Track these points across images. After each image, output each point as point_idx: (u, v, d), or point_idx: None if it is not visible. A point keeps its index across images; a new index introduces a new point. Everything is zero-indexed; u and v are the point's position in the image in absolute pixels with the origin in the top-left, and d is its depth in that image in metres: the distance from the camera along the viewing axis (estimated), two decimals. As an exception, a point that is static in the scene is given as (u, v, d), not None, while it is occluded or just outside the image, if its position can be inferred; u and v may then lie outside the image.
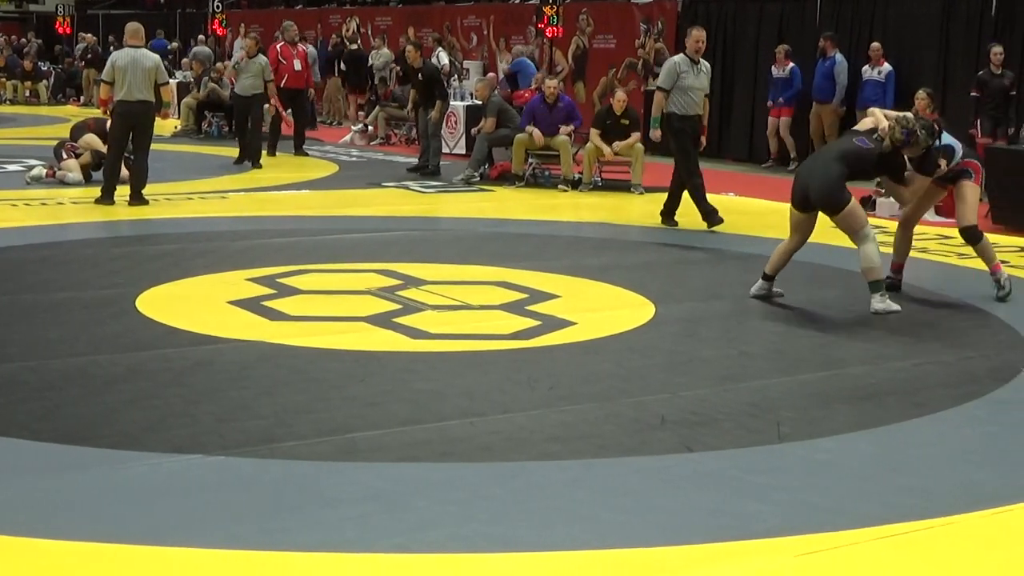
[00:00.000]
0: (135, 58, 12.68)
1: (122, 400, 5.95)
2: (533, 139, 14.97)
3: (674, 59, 11.91)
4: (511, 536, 4.40)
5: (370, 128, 20.85)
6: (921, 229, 11.54)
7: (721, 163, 17.64)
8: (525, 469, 5.12)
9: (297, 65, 18.07)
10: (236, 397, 6.04)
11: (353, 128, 21.29)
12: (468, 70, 21.85)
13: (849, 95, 16.90)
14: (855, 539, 4.43)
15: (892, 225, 11.80)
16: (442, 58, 20.63)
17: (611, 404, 6.05)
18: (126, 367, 6.55)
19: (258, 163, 16.68)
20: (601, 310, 8.29)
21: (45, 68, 31.26)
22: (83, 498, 4.71)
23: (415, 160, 16.74)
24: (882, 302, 8.30)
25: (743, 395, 6.26)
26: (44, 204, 12.82)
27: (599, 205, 13.79)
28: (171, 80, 25.54)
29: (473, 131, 16.40)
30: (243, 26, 29.05)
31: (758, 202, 11.80)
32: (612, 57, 21.04)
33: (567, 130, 15.06)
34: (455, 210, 13.34)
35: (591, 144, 14.88)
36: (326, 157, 18.15)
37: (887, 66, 16.30)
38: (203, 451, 5.20)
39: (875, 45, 16.47)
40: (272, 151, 17.73)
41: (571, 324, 7.75)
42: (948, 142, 8.82)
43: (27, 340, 7.08)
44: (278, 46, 18.20)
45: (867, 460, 5.37)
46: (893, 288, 8.91)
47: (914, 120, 8.58)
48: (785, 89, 17.32)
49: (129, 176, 12.89)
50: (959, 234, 9.14)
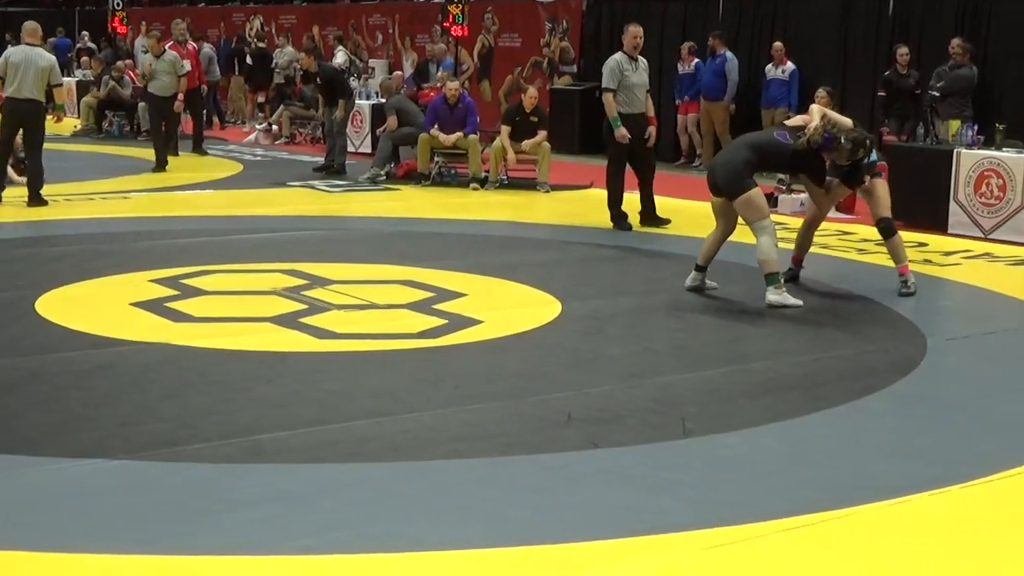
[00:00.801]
0: (30, 56, 12.50)
1: (22, 404, 5.85)
2: (439, 140, 14.97)
3: (615, 58, 11.74)
4: (419, 536, 4.40)
5: (275, 127, 20.69)
6: (822, 225, 11.72)
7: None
8: (432, 468, 5.12)
9: (187, 65, 17.80)
10: (139, 400, 5.96)
11: (258, 127, 21.11)
12: (374, 69, 21.77)
13: (752, 94, 17.10)
14: (760, 532, 4.49)
15: (793, 222, 11.98)
16: (338, 57, 20.55)
17: (517, 402, 6.07)
18: (26, 371, 6.44)
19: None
20: (507, 308, 8.31)
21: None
22: (-18, 505, 4.62)
23: (321, 159, 16.65)
24: (777, 294, 8.40)
25: (648, 391, 6.32)
26: (-60, 205, 12.57)
27: (505, 203, 13.81)
28: (71, 78, 25.34)
29: (378, 131, 16.35)
30: (144, 24, 28.67)
31: (665, 200, 11.90)
32: (518, 56, 21.09)
33: (474, 137, 15.05)
34: (361, 209, 13.28)
35: (498, 142, 14.91)
36: (230, 156, 17.98)
37: (791, 65, 16.52)
38: (106, 455, 5.13)
39: (777, 44, 16.68)
40: (175, 151, 17.50)
41: (477, 323, 7.76)
42: (874, 158, 8.98)
43: (-77, 344, 6.94)
44: (166, 46, 17.94)
45: (770, 454, 5.44)
46: (792, 280, 9.06)
47: (847, 130, 8.59)
48: (691, 86, 17.47)
49: (26, 178, 12.69)
50: (875, 225, 9.27)
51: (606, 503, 4.77)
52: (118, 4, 27.60)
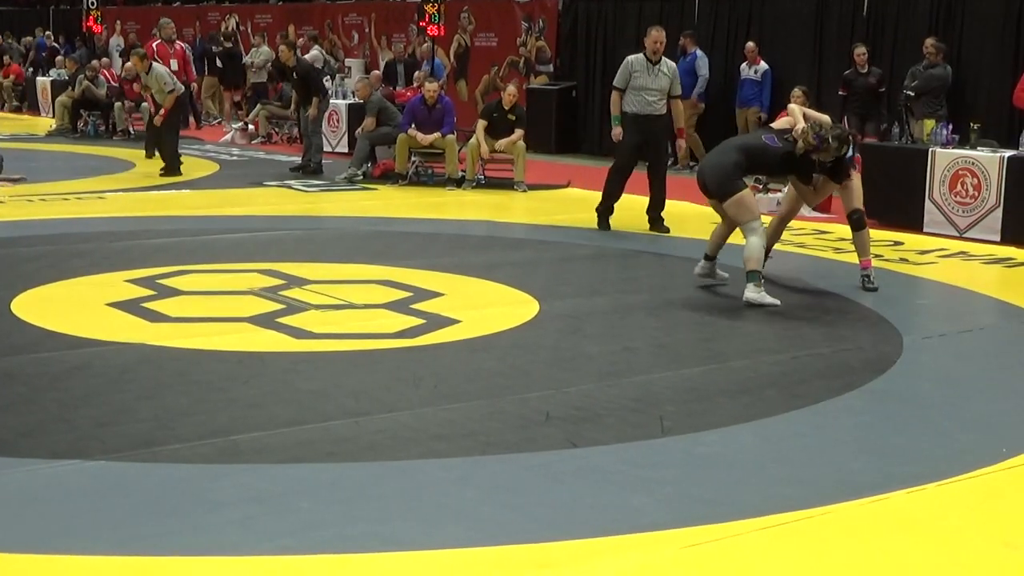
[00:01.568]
0: None
1: (-3, 405, 5.82)
2: (417, 139, 14.96)
3: (629, 58, 11.77)
4: (398, 535, 4.40)
5: (251, 127, 20.64)
6: (799, 224, 11.80)
7: (605, 160, 17.73)
8: (411, 468, 5.12)
9: (174, 64, 17.73)
10: (116, 400, 5.94)
11: (234, 127, 21.06)
12: (350, 68, 21.75)
13: (727, 94, 17.15)
14: (738, 530, 4.50)
15: (770, 220, 12.02)
16: (311, 53, 20.57)
17: (496, 401, 6.07)
18: (1, 372, 6.40)
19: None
20: (485, 308, 8.30)
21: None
22: (-42, 506, 4.60)
23: (298, 159, 16.61)
24: (755, 292, 8.46)
25: (626, 390, 6.32)
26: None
27: (483, 203, 13.81)
28: (46, 77, 25.24)
29: (356, 131, 16.33)
30: (119, 23, 28.59)
31: (644, 200, 11.91)
32: (494, 55, 21.10)
33: (451, 137, 15.03)
34: (338, 209, 13.26)
35: (474, 140, 14.90)
36: (206, 156, 17.92)
37: (763, 65, 16.59)
38: (82, 456, 5.11)
39: (750, 45, 16.75)
40: (151, 152, 17.41)
41: (455, 322, 7.76)
42: (851, 152, 9.11)
43: None
44: (154, 44, 17.87)
45: (748, 452, 5.45)
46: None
47: (830, 128, 8.72)
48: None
49: None
50: (848, 217, 9.34)
51: (584, 502, 4.77)
52: (92, 3, 27.45)
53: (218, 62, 23.14)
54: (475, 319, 7.86)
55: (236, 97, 23.06)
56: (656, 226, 11.79)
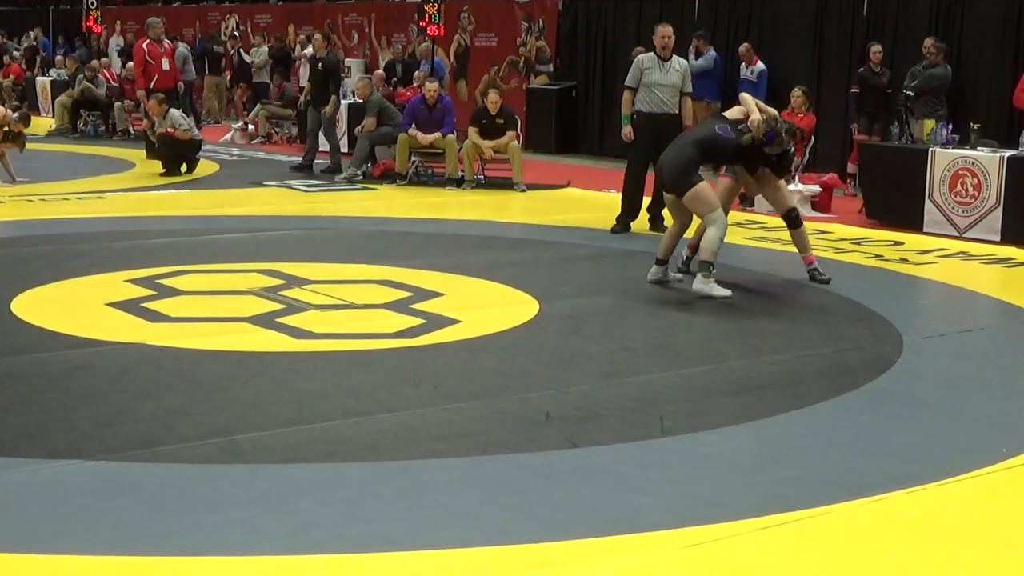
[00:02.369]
0: None
1: (-3, 405, 5.82)
2: (417, 139, 14.97)
3: (639, 56, 11.77)
4: (397, 535, 4.39)
5: (251, 127, 20.64)
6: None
7: (604, 160, 17.77)
8: (410, 468, 5.12)
9: (165, 64, 17.53)
10: (116, 401, 5.94)
11: (233, 126, 21.06)
12: (350, 68, 21.74)
13: (727, 94, 17.14)
14: (738, 530, 4.50)
15: (770, 220, 12.02)
16: (308, 50, 20.55)
17: (496, 401, 6.07)
18: (1, 372, 6.40)
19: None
20: (485, 308, 8.30)
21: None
22: (-43, 507, 4.60)
23: (297, 159, 16.61)
24: (704, 283, 8.60)
25: (626, 390, 6.32)
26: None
27: (482, 203, 13.81)
28: (46, 77, 25.22)
29: (356, 130, 16.32)
30: (119, 23, 28.59)
31: (645, 200, 11.89)
32: (494, 55, 21.10)
33: (451, 137, 15.03)
34: (338, 209, 13.25)
35: (469, 141, 14.92)
36: (206, 156, 17.89)
37: (760, 65, 16.58)
38: (82, 456, 5.11)
39: (744, 45, 16.76)
40: (151, 152, 17.39)
41: (455, 322, 7.76)
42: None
43: None
44: (144, 44, 17.78)
45: (748, 452, 5.45)
46: (686, 265, 9.49)
47: (780, 122, 8.89)
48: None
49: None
50: (782, 218, 9.50)
51: (584, 502, 4.77)
52: (92, 3, 27.43)
53: (233, 61, 23.09)
54: (475, 319, 7.86)
55: (243, 97, 23.08)
56: (656, 225, 11.77)
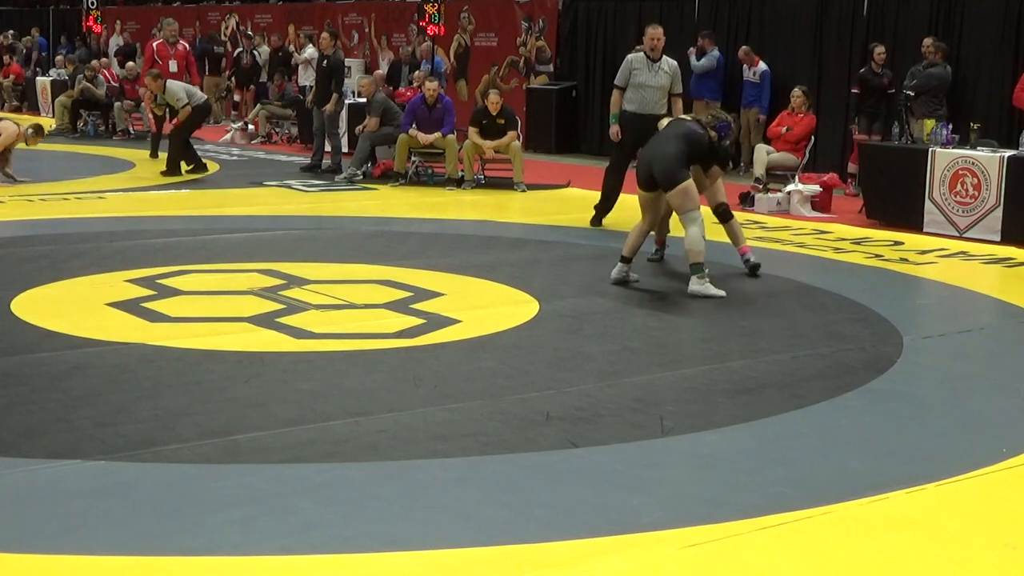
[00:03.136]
0: None
1: (-3, 405, 5.82)
2: (418, 139, 14.97)
3: (629, 56, 11.81)
4: (397, 535, 4.39)
5: (251, 127, 20.63)
6: (799, 224, 11.79)
7: (605, 160, 17.72)
8: (411, 468, 5.12)
9: (173, 66, 17.55)
10: (116, 401, 5.93)
11: (233, 126, 21.06)
12: (350, 68, 21.72)
13: (730, 95, 17.15)
14: (737, 530, 4.50)
15: (771, 221, 12.03)
16: (306, 52, 20.55)
17: (496, 401, 6.07)
18: (1, 372, 6.40)
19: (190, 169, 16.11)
20: (485, 307, 8.30)
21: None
22: (-43, 507, 4.59)
23: (301, 159, 16.60)
24: (699, 284, 8.63)
25: (626, 390, 6.32)
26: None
27: (482, 203, 13.81)
28: (46, 77, 25.22)
29: (357, 129, 16.32)
30: (119, 23, 28.58)
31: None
32: (494, 55, 21.09)
33: (452, 137, 15.04)
34: (338, 209, 13.25)
35: (469, 141, 14.92)
36: (206, 156, 17.87)
37: (762, 66, 16.58)
38: (82, 456, 5.11)
39: (744, 48, 16.76)
40: (155, 153, 17.38)
41: (456, 322, 7.76)
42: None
43: None
44: (155, 44, 17.75)
45: (748, 452, 5.45)
46: (655, 261, 9.76)
47: (721, 112, 9.23)
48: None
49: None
50: (712, 211, 9.62)
51: (584, 502, 4.77)
52: (92, 3, 27.44)
53: (242, 62, 23.06)
54: (475, 319, 7.86)
55: (236, 96, 23.05)
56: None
